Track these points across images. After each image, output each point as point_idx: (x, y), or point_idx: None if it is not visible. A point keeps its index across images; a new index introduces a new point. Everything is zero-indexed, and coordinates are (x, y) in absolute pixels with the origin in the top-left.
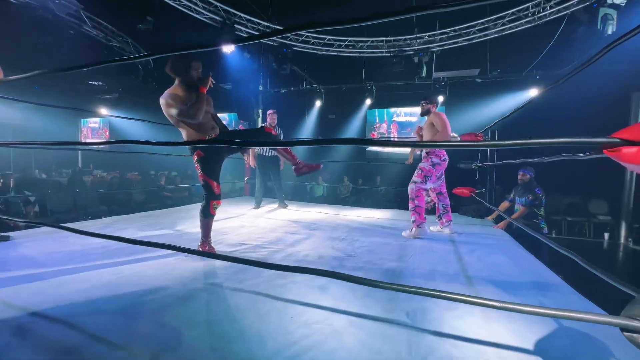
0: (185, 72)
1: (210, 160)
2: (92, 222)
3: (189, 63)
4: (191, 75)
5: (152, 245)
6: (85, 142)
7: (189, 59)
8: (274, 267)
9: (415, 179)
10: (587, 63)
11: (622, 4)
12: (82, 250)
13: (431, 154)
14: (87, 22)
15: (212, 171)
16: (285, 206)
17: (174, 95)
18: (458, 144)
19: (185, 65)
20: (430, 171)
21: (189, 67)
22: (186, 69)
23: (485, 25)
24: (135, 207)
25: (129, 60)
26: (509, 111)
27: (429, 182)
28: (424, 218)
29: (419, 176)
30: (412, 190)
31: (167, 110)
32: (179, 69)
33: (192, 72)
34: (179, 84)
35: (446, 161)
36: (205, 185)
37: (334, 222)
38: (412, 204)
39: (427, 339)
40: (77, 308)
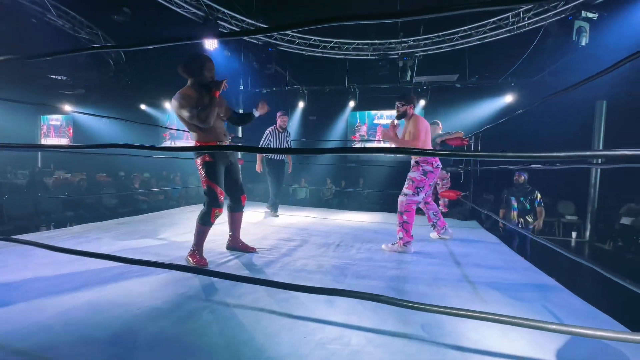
0: (199, 72)
1: (217, 165)
2: (59, 232)
3: (204, 63)
4: (205, 77)
5: (143, 264)
6: (73, 146)
7: (203, 59)
8: (288, 287)
9: (406, 190)
10: (602, 72)
11: (595, 18)
12: (53, 264)
13: (421, 162)
14: (52, 11)
15: (218, 177)
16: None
17: (186, 96)
18: (453, 154)
19: (199, 66)
20: (423, 181)
21: (203, 68)
22: (200, 70)
23: (468, 32)
24: (106, 213)
25: (100, 49)
26: (486, 116)
27: (422, 193)
28: (411, 236)
29: (409, 187)
30: (402, 204)
31: (179, 111)
32: (194, 69)
33: (205, 73)
34: (191, 84)
35: (439, 168)
36: (208, 191)
37: (325, 227)
38: (400, 218)
39: (450, 355)
40: (55, 337)
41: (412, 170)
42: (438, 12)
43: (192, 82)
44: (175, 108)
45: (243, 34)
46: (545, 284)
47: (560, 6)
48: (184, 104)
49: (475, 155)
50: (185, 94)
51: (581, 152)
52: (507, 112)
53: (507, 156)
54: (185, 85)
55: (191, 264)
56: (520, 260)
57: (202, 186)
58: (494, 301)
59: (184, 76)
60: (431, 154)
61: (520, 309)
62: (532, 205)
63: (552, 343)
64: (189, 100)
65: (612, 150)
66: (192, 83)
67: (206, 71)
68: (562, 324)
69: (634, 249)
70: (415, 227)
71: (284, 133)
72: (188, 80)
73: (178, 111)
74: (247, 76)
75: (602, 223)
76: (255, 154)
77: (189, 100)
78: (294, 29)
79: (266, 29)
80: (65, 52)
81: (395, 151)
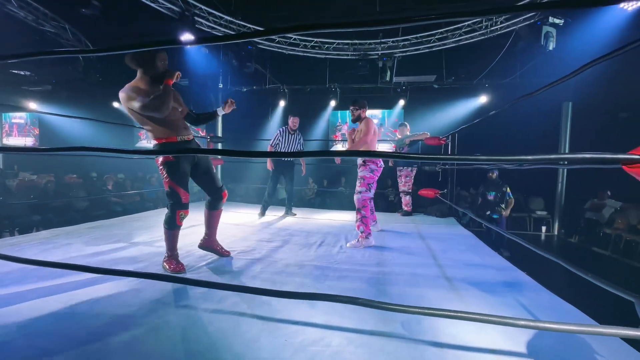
0: (150, 62)
1: (179, 165)
2: (24, 238)
3: (155, 53)
4: (157, 67)
5: (114, 274)
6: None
7: (154, 50)
8: (266, 293)
9: (360, 188)
10: (570, 75)
11: (560, 23)
12: (16, 271)
13: (368, 162)
14: (12, 1)
15: (180, 177)
16: (294, 214)
17: (135, 88)
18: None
19: (150, 55)
20: (372, 178)
21: (154, 58)
22: (152, 60)
23: (444, 34)
24: (76, 217)
25: (70, 53)
26: (462, 115)
27: (372, 189)
28: (370, 229)
29: (362, 185)
30: (359, 201)
31: (128, 103)
32: (144, 59)
33: (158, 63)
34: (142, 76)
35: (382, 167)
36: (170, 193)
37: (306, 226)
38: (359, 214)
39: (429, 352)
40: (18, 351)
41: (360, 170)
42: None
43: (142, 73)
44: (124, 101)
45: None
46: (517, 278)
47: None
48: (133, 96)
49: (452, 159)
50: (135, 86)
51: (547, 156)
52: (482, 112)
53: (481, 159)
54: (134, 79)
55: (168, 270)
56: (494, 255)
57: (164, 187)
58: (470, 296)
59: (133, 67)
60: (412, 158)
61: (494, 303)
62: (504, 197)
63: (524, 335)
64: (139, 92)
65: (575, 154)
66: (142, 74)
67: (158, 61)
68: (530, 319)
69: (598, 242)
70: (394, 225)
71: (295, 134)
72: (137, 72)
73: (128, 104)
74: (227, 74)
75: (569, 217)
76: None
77: (139, 91)
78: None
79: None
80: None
81: (380, 155)
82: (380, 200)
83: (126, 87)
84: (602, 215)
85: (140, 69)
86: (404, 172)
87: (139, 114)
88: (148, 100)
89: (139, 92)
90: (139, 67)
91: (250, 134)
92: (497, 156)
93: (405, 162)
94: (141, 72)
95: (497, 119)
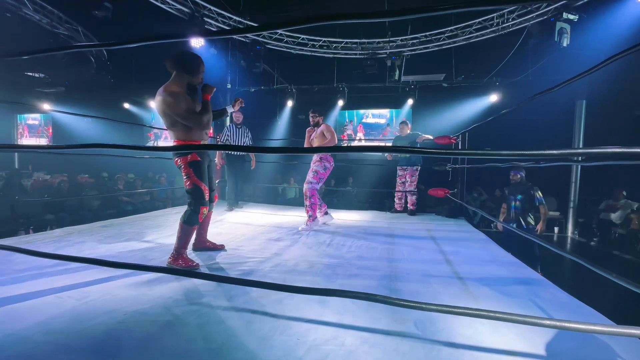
0: (196, 72)
1: (203, 164)
2: (39, 236)
3: (200, 66)
4: (198, 78)
5: (128, 268)
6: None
7: (199, 61)
8: (281, 289)
9: (312, 179)
10: (585, 73)
11: (575, 19)
12: (32, 269)
13: (324, 159)
14: (28, 5)
15: (204, 175)
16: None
17: (176, 93)
18: (454, 152)
19: (197, 66)
20: (325, 174)
21: (198, 71)
22: (197, 70)
23: (455, 32)
24: (88, 216)
25: (84, 47)
26: (472, 115)
27: (321, 182)
28: (317, 214)
29: (315, 178)
30: (308, 190)
31: (170, 109)
32: (192, 68)
33: (199, 77)
34: (179, 82)
35: (333, 165)
36: (195, 190)
37: (314, 226)
38: (308, 201)
39: (444, 352)
40: (36, 348)
41: (316, 164)
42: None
43: (180, 80)
44: (163, 104)
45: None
46: (532, 278)
47: (543, 8)
48: (174, 103)
49: (465, 154)
50: (175, 92)
51: (566, 150)
52: (492, 111)
53: (495, 154)
54: (169, 81)
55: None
56: (507, 255)
57: (186, 186)
58: (484, 297)
59: (174, 71)
60: (422, 152)
61: (509, 304)
62: (532, 204)
63: (540, 337)
64: (182, 98)
65: (597, 148)
66: (180, 79)
67: (201, 73)
68: (552, 318)
69: (613, 243)
70: (404, 224)
71: (242, 129)
72: (173, 75)
73: (169, 108)
74: (235, 74)
75: (582, 218)
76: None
77: (181, 97)
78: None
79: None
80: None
81: (386, 149)
82: (387, 201)
83: (166, 91)
84: (618, 215)
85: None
86: (409, 171)
87: (174, 118)
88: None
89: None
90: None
91: (258, 133)
92: (513, 151)
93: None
94: (177, 75)
95: (509, 117)
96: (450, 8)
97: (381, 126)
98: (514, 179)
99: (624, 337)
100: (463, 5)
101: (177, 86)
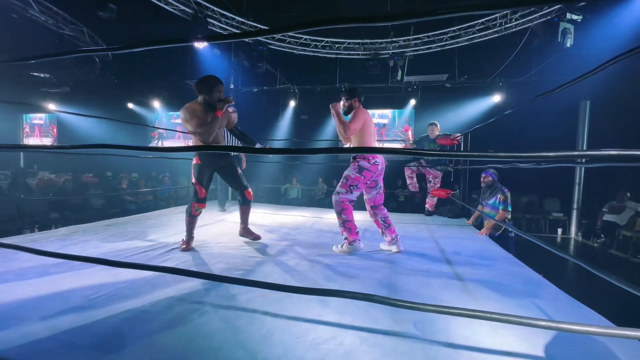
0: (209, 92)
1: (204, 168)
2: (44, 234)
3: (214, 85)
4: (213, 97)
5: (131, 267)
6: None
7: (214, 81)
8: (282, 289)
9: (339, 189)
10: (589, 73)
11: (579, 20)
12: (37, 266)
13: (358, 158)
14: (34, 6)
15: (201, 177)
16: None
17: (191, 110)
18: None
19: (210, 86)
20: (357, 179)
21: (214, 89)
22: (211, 90)
23: (457, 32)
24: (93, 215)
25: (90, 52)
26: (475, 115)
27: (356, 191)
28: (356, 234)
29: (343, 186)
30: (337, 203)
31: (184, 123)
32: (205, 88)
33: (215, 94)
34: (200, 100)
35: (377, 165)
36: (193, 188)
37: (316, 226)
38: (339, 219)
39: (443, 352)
40: (42, 344)
41: (349, 168)
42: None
43: (201, 98)
44: (182, 119)
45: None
46: (533, 279)
47: (546, 8)
48: (188, 118)
49: (466, 156)
50: (192, 109)
51: (569, 152)
52: (495, 111)
53: (497, 156)
54: (195, 99)
55: (181, 248)
56: (508, 257)
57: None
58: (484, 298)
59: (196, 92)
60: (423, 154)
61: (509, 305)
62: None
63: (539, 338)
64: (193, 114)
65: (598, 150)
66: (201, 99)
67: (216, 92)
68: (551, 320)
69: (617, 245)
70: (406, 225)
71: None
72: (199, 95)
73: (184, 123)
74: (238, 75)
75: (586, 220)
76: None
77: (194, 114)
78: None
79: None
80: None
81: (384, 151)
82: (390, 201)
83: (185, 107)
84: (622, 217)
85: (200, 95)
86: (432, 173)
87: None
88: (199, 130)
89: (193, 114)
90: (199, 93)
91: (261, 134)
92: (515, 153)
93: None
94: (201, 97)
95: (512, 118)
96: (450, 12)
97: (378, 126)
98: (485, 182)
99: (623, 339)
100: (462, 10)
101: (195, 103)
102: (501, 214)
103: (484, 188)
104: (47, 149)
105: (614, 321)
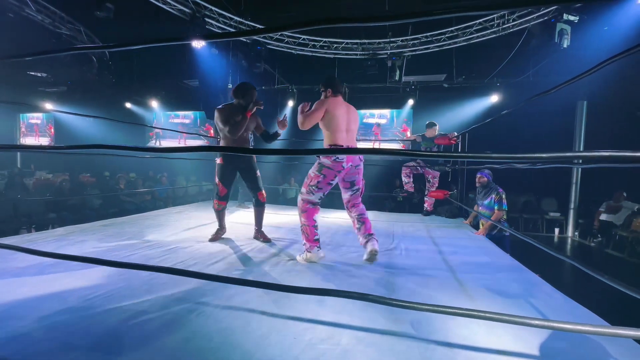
0: (241, 97)
1: (226, 168)
2: (41, 234)
3: (248, 90)
4: (245, 100)
5: (131, 267)
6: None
7: (248, 87)
8: (278, 288)
9: (302, 189)
10: (586, 73)
11: (575, 20)
12: (34, 267)
13: (321, 156)
14: (31, 5)
15: (223, 177)
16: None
17: (221, 110)
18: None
19: (243, 91)
20: (316, 178)
21: (245, 94)
22: (243, 95)
23: (455, 33)
24: (90, 215)
25: (87, 49)
26: (473, 115)
27: (317, 192)
28: (315, 241)
29: (304, 185)
30: (299, 203)
31: (215, 121)
32: (238, 93)
33: (247, 98)
34: (232, 103)
35: (340, 162)
36: (215, 187)
37: None
38: (300, 221)
39: (439, 352)
40: (39, 344)
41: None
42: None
43: (236, 101)
44: (215, 118)
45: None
46: (529, 279)
47: (543, 9)
48: (218, 117)
49: (462, 157)
50: (222, 109)
51: (563, 154)
52: (493, 111)
53: (493, 157)
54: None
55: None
56: (505, 256)
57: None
58: (481, 297)
59: (232, 96)
60: (419, 155)
61: (505, 304)
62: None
63: (535, 337)
64: (222, 114)
65: (591, 152)
66: (236, 102)
67: (248, 97)
68: (544, 319)
69: (614, 245)
70: (404, 225)
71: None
72: (234, 99)
73: (215, 120)
74: (236, 75)
75: (583, 219)
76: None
77: (222, 114)
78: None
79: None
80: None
81: (383, 152)
82: (388, 202)
83: (221, 106)
84: (618, 217)
85: (235, 99)
86: (431, 173)
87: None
88: (228, 126)
89: (222, 114)
90: (234, 97)
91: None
92: (511, 154)
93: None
94: (235, 101)
95: (509, 118)
96: (448, 12)
97: (382, 126)
98: (480, 182)
99: (618, 338)
100: (460, 10)
101: (228, 105)
102: (497, 213)
103: (479, 188)
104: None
105: (609, 320)
